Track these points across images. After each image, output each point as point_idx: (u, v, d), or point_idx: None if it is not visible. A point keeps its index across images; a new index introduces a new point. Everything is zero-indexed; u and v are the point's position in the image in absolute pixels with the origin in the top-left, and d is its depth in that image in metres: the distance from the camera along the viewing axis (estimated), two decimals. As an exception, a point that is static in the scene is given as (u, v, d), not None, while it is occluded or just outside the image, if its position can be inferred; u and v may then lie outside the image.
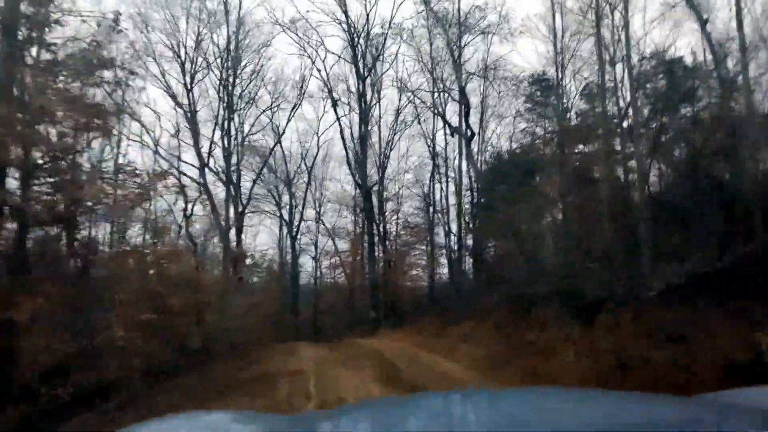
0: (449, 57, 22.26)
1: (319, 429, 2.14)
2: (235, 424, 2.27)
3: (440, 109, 24.89)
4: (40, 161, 10.89)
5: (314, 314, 37.51)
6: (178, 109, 28.81)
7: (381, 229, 29.89)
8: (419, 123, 27.92)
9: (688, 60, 24.83)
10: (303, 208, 39.29)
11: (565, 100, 28.15)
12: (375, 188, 29.46)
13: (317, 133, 37.85)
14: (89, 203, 11.18)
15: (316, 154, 38.38)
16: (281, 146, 38.06)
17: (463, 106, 21.84)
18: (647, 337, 8.55)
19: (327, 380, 10.49)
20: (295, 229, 39.29)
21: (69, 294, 10.88)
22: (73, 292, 11.06)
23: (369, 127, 28.12)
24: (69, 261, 12.07)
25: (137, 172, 13.11)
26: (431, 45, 24.72)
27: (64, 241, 13.48)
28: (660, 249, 11.66)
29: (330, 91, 28.35)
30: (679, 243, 12.29)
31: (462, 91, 21.35)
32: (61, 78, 11.59)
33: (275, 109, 32.91)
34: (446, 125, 25.00)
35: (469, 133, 21.89)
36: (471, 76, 22.51)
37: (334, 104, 28.13)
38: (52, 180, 10.74)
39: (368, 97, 28.27)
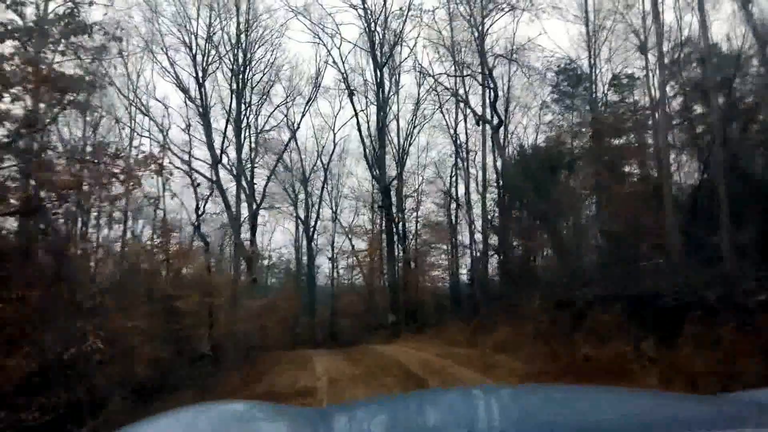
0: (473, 40, 20.07)
1: (336, 422, 2.11)
2: (252, 415, 2.20)
3: (463, 96, 22.64)
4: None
5: (331, 317, 35.48)
6: (190, 104, 27.03)
7: (400, 227, 27.77)
8: (441, 112, 25.77)
9: (724, 47, 22.80)
10: (319, 207, 37.44)
11: (597, 90, 25.76)
12: (394, 184, 27.33)
13: (333, 130, 36.05)
14: (66, 189, 9.17)
15: (333, 151, 36.57)
16: (296, 142, 36.29)
17: (489, 91, 19.62)
18: (764, 354, 6.33)
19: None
20: (312, 229, 37.41)
21: (38, 297, 8.92)
22: (44, 294, 9.08)
23: (387, 120, 26.07)
24: (39, 259, 10.18)
25: (120, 154, 11.05)
26: (452, 28, 22.51)
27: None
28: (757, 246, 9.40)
29: (346, 80, 26.39)
30: None
31: (489, 73, 19.20)
32: (30, 45, 9.64)
33: (290, 104, 31.08)
34: (470, 111, 22.82)
35: (496, 120, 19.67)
36: (497, 59, 20.25)
37: (351, 95, 26.17)
38: (16, 162, 8.82)
39: (386, 88, 26.24)
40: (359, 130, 26.36)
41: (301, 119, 30.02)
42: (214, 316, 21.64)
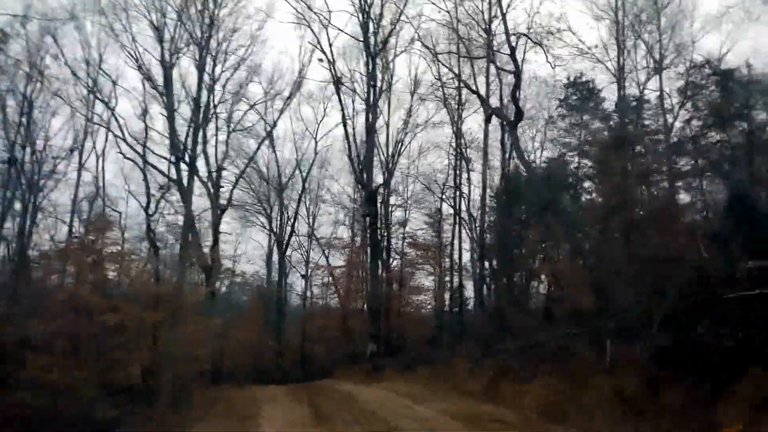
0: (485, 19, 15.92)
1: None
2: None
3: (473, 86, 18.28)
4: None
5: (301, 342, 30.18)
6: (150, 89, 22.13)
7: (385, 241, 23.07)
8: (445, 105, 21.36)
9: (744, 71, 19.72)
10: (295, 220, 32.43)
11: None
12: (380, 191, 22.71)
13: (315, 138, 31.47)
14: None
15: (313, 161, 31.88)
16: (273, 147, 31.60)
17: (511, 76, 15.38)
18: None
19: None
20: (285, 243, 32.35)
21: None
22: None
23: (377, 119, 21.60)
24: None
25: None
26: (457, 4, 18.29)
27: None
28: None
29: (333, 67, 21.84)
30: None
31: (512, 52, 14.96)
32: None
33: (268, 102, 26.42)
34: (478, 103, 18.49)
35: (514, 113, 15.41)
36: (520, 38, 15.86)
37: (337, 84, 21.65)
38: None
39: (378, 81, 21.79)
40: (344, 125, 21.90)
41: (278, 117, 25.45)
42: (151, 336, 16.44)
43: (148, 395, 15.36)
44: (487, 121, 18.85)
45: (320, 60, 24.09)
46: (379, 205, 22.17)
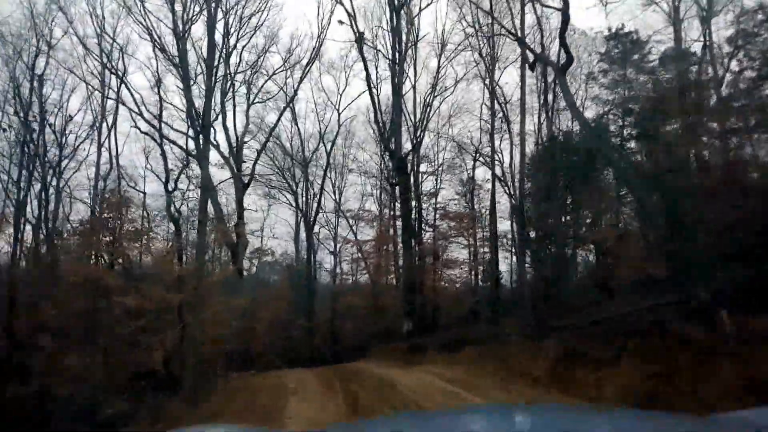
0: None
1: None
2: None
3: (514, 30, 15.94)
4: None
5: (331, 320, 28.74)
6: (161, 58, 20.48)
7: (417, 211, 21.14)
8: (480, 54, 19.02)
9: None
10: (320, 196, 30.80)
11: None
12: (409, 158, 20.69)
13: (338, 109, 29.64)
14: None
15: (337, 133, 30.13)
16: (295, 121, 29.93)
17: (554, 20, 13.18)
18: None
19: None
20: (312, 219, 30.82)
21: None
22: None
23: (403, 75, 19.44)
24: None
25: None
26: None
27: None
28: None
29: (354, 22, 19.59)
30: None
31: (561, -13, 12.70)
32: None
33: (287, 69, 24.54)
34: (521, 47, 16.18)
35: (564, 58, 13.22)
36: None
37: (360, 41, 19.52)
38: None
39: (403, 36, 19.58)
40: (369, 86, 19.73)
41: (299, 84, 23.53)
42: (173, 319, 15.04)
43: (171, 383, 14.02)
44: (531, 68, 16.57)
45: (341, 22, 22.11)
46: (408, 173, 20.17)
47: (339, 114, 29.86)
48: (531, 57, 16.11)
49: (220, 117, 23.29)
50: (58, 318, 13.79)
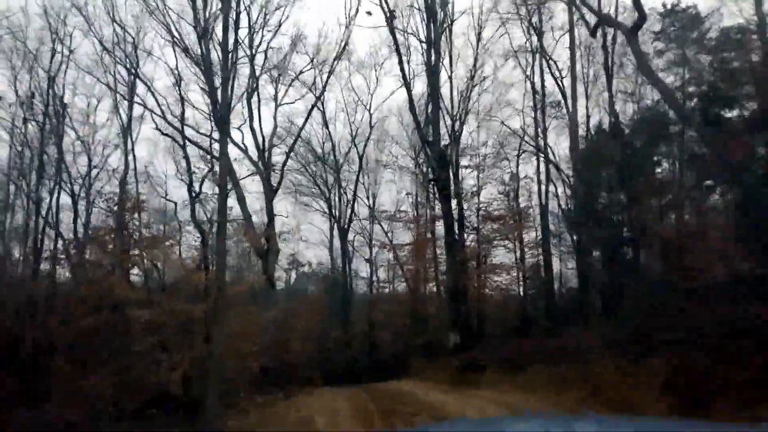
0: None
1: None
2: None
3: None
4: None
5: (369, 332, 26.52)
6: (182, 56, 18.89)
7: (459, 210, 18.75)
8: (529, 24, 16.60)
9: None
10: (354, 201, 28.82)
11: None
12: (449, 151, 18.31)
13: (369, 110, 27.69)
14: None
15: (369, 135, 28.15)
16: (325, 122, 28.05)
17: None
18: None
19: None
20: (346, 226, 28.85)
21: None
22: None
23: (439, 60, 17.12)
24: None
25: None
26: None
27: None
28: None
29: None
30: None
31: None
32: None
33: (316, 68, 22.67)
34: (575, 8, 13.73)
35: (636, 18, 10.79)
36: None
37: (390, 21, 17.31)
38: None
39: (438, 17, 17.35)
40: (402, 70, 17.49)
41: (327, 79, 21.51)
42: (193, 334, 13.12)
43: (191, 406, 12.08)
44: (593, 33, 14.15)
45: (369, 13, 20.24)
46: (449, 167, 17.83)
47: (371, 114, 28.01)
48: (591, 21, 13.62)
49: (247, 120, 21.77)
50: (67, 335, 12.07)
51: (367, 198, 30.28)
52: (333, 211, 29.67)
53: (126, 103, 19.27)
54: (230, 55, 14.76)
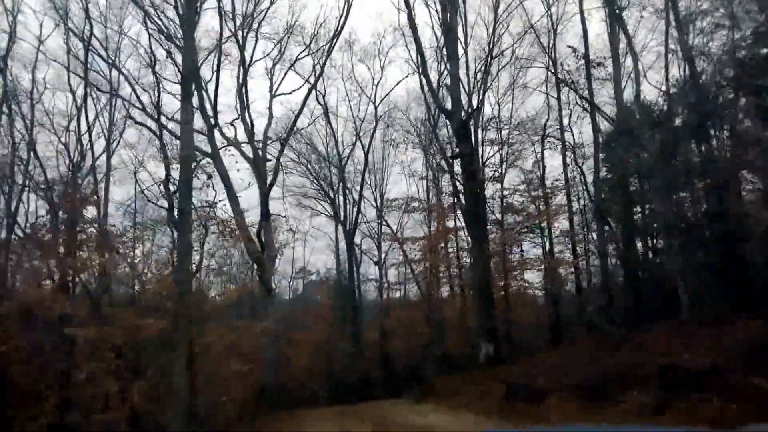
0: None
1: None
2: None
3: None
4: None
5: (381, 341, 22.99)
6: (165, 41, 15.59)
7: (482, 199, 15.19)
8: None
9: None
10: (360, 200, 25.49)
11: None
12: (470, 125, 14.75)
13: (373, 102, 24.53)
14: None
15: (374, 129, 24.92)
16: (327, 117, 24.75)
17: None
18: None
19: None
20: (352, 227, 25.47)
21: None
22: None
23: (456, 13, 13.64)
24: None
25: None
26: None
27: None
28: None
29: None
30: None
31: None
32: None
33: (312, 55, 19.41)
34: None
35: None
36: None
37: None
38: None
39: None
40: (411, 23, 13.89)
41: (326, 59, 18.24)
42: (149, 356, 9.66)
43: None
44: None
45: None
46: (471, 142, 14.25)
47: (375, 107, 24.80)
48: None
49: (239, 109, 18.54)
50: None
51: (374, 200, 26.95)
52: (338, 212, 26.30)
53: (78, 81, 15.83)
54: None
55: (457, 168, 14.87)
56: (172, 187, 14.57)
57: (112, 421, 8.85)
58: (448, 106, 14.08)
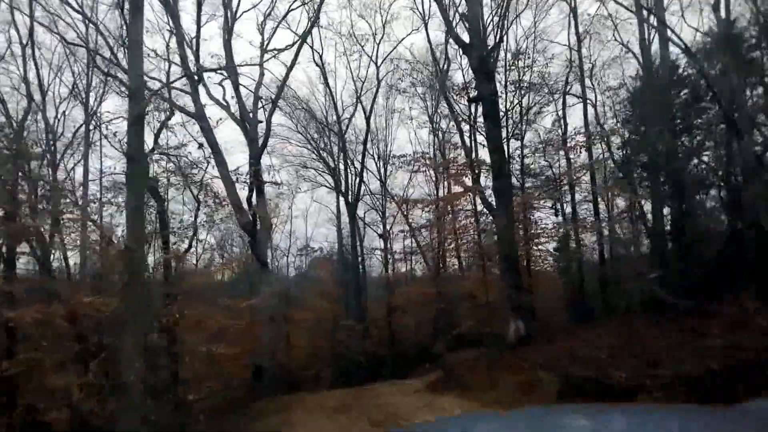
0: None
1: None
2: None
3: None
4: None
5: (388, 318, 21.07)
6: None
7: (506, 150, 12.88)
8: None
9: None
10: (362, 170, 23.37)
11: None
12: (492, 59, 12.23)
13: (375, 62, 22.26)
14: None
15: (376, 92, 22.68)
16: (325, 79, 22.35)
17: None
18: None
19: None
20: (354, 198, 23.35)
21: None
22: None
23: None
24: None
25: None
26: None
27: None
28: None
29: None
30: None
31: None
32: None
33: (307, 2, 16.93)
34: None
35: None
36: None
37: None
38: None
39: None
40: None
41: (320, 6, 15.71)
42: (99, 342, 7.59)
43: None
44: None
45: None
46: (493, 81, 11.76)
47: (377, 67, 22.46)
48: None
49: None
50: None
51: (378, 170, 24.67)
52: (339, 183, 24.03)
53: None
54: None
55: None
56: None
57: (53, 422, 6.80)
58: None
